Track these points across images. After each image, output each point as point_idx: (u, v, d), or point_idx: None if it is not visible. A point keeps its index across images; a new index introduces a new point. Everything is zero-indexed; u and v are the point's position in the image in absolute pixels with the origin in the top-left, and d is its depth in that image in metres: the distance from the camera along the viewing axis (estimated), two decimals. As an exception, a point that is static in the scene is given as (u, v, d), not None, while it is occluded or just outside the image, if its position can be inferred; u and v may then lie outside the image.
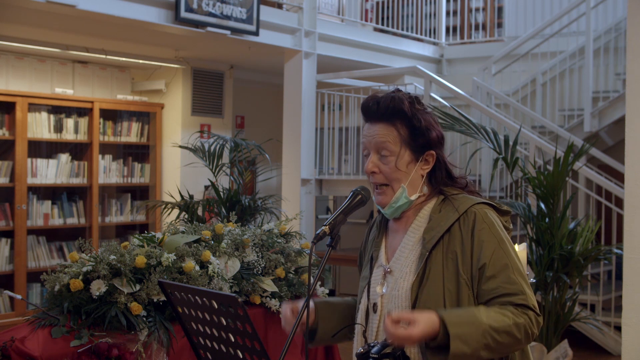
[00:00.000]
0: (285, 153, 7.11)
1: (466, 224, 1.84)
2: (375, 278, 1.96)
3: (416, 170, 1.90)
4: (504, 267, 1.79)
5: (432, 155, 1.91)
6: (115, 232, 7.47)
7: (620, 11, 7.50)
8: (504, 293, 1.78)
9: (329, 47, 7.28)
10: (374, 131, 1.90)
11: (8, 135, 6.33)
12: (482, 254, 1.80)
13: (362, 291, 1.99)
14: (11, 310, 6.30)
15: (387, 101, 1.89)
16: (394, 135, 1.88)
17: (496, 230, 1.84)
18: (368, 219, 9.81)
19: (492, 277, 1.79)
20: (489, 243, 1.81)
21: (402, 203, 1.91)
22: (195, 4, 5.88)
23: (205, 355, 1.82)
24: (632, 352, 3.65)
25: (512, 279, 1.79)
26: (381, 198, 1.92)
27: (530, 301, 1.79)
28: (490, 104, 7.51)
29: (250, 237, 3.51)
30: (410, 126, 1.89)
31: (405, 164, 1.89)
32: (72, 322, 2.84)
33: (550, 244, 4.99)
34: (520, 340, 1.76)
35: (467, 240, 1.83)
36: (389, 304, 1.89)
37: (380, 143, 1.89)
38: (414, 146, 1.89)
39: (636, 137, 3.66)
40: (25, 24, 6.00)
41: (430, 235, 1.86)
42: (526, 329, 1.75)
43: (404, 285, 1.86)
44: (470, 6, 9.27)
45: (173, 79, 7.57)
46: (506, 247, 1.83)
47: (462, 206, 1.87)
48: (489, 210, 1.88)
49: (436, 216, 1.89)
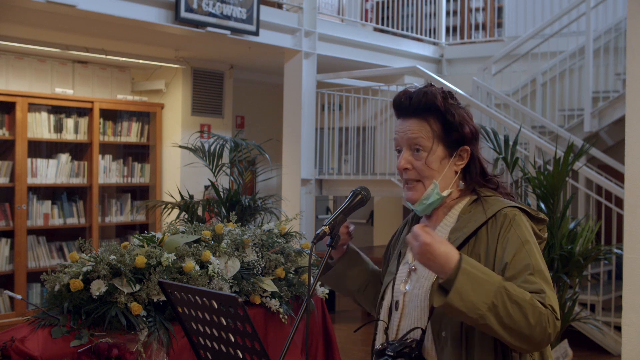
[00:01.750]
0: (285, 153, 7.12)
1: (494, 227, 1.78)
2: (400, 275, 1.92)
3: (450, 166, 1.86)
4: (525, 268, 1.71)
5: (466, 151, 1.87)
6: (115, 232, 7.47)
7: (620, 11, 7.50)
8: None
9: (329, 47, 7.28)
10: (406, 127, 1.86)
11: (8, 135, 6.33)
12: (505, 253, 1.74)
13: (387, 287, 1.95)
14: (11, 310, 6.30)
15: (420, 96, 1.84)
16: (426, 130, 1.84)
17: (522, 231, 1.76)
18: (368, 219, 9.83)
19: (512, 277, 1.70)
20: (513, 243, 1.74)
21: (434, 200, 1.86)
22: (195, 4, 5.88)
23: (205, 355, 1.82)
24: (632, 352, 3.65)
25: (532, 279, 1.69)
26: (411, 194, 1.87)
27: (549, 301, 1.66)
28: (490, 104, 7.51)
29: (250, 237, 3.51)
30: (443, 121, 1.84)
31: (438, 160, 1.84)
32: (72, 322, 2.84)
33: (550, 244, 4.99)
34: (531, 326, 1.61)
35: (492, 243, 1.77)
36: (410, 302, 1.85)
37: (413, 139, 1.84)
38: (448, 142, 1.85)
39: (636, 137, 3.67)
40: (25, 24, 6.00)
41: (456, 236, 1.81)
42: (542, 319, 1.62)
43: (425, 285, 1.82)
44: (470, 6, 9.27)
45: (173, 79, 7.57)
46: (531, 248, 1.74)
47: (492, 209, 1.81)
48: (519, 214, 1.81)
49: (465, 217, 1.84)
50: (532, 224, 1.83)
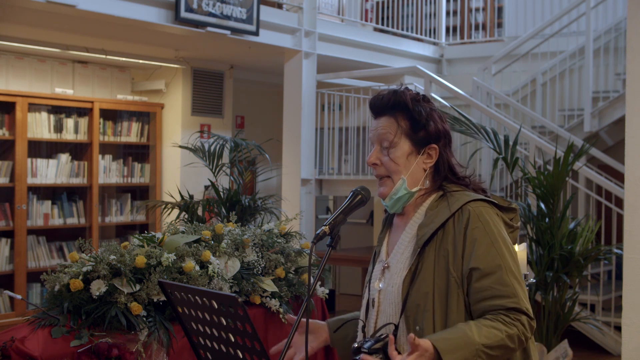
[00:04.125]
0: (285, 153, 7.11)
1: (460, 222, 1.82)
2: (375, 273, 1.96)
3: (417, 164, 1.90)
4: (496, 268, 1.76)
5: (434, 150, 1.91)
6: (115, 232, 7.47)
7: (620, 11, 7.49)
8: (495, 295, 1.75)
9: (329, 47, 7.28)
10: (377, 124, 1.94)
11: (8, 135, 6.33)
12: (473, 254, 1.78)
13: (365, 286, 2.00)
14: (11, 310, 6.30)
15: (390, 94, 1.92)
16: (394, 127, 1.90)
17: (490, 229, 1.81)
18: (368, 219, 9.82)
19: (483, 277, 1.76)
20: (481, 242, 1.78)
21: (402, 194, 1.91)
22: (195, 4, 5.88)
23: (205, 355, 1.82)
24: (632, 352, 3.66)
25: (505, 280, 1.76)
26: (382, 189, 1.93)
27: (522, 304, 1.75)
28: (490, 104, 7.50)
29: (250, 237, 3.51)
30: (410, 118, 1.90)
31: (405, 156, 1.89)
32: (72, 322, 2.84)
33: (550, 244, 4.99)
34: (514, 349, 1.77)
35: (459, 239, 1.81)
36: (384, 299, 1.89)
37: (382, 135, 1.91)
38: (415, 138, 1.90)
39: (636, 137, 3.67)
40: (25, 24, 6.00)
41: (423, 231, 1.85)
42: (519, 337, 1.75)
43: (397, 281, 1.86)
44: (470, 6, 9.27)
45: (173, 79, 7.57)
46: (500, 247, 1.79)
47: (457, 203, 1.85)
48: (485, 208, 1.84)
49: (431, 212, 1.88)
50: (502, 215, 1.89)
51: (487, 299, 1.76)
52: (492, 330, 1.72)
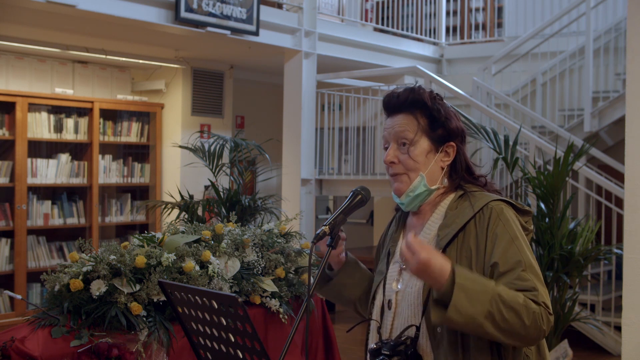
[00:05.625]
0: (285, 153, 7.11)
1: (482, 221, 1.80)
2: (391, 274, 1.93)
3: (436, 161, 1.88)
4: (516, 264, 1.73)
5: (452, 147, 1.89)
6: (115, 232, 7.47)
7: (620, 11, 7.50)
8: (515, 289, 1.71)
9: (329, 47, 7.28)
10: (393, 122, 1.90)
11: (8, 135, 6.33)
12: (495, 250, 1.76)
13: (377, 286, 1.96)
14: (11, 310, 6.30)
15: (407, 92, 1.90)
16: (413, 124, 1.87)
17: (511, 226, 1.79)
18: (368, 219, 9.82)
19: (504, 273, 1.73)
20: (502, 239, 1.76)
21: (421, 192, 1.87)
22: (195, 4, 5.88)
23: (205, 355, 1.82)
24: (632, 352, 3.65)
25: (524, 276, 1.72)
26: (397, 185, 1.89)
27: (541, 298, 1.70)
28: (490, 104, 7.51)
29: (250, 237, 3.51)
30: (429, 116, 1.88)
31: (424, 153, 1.87)
32: (72, 322, 2.84)
33: (550, 244, 4.99)
34: (526, 327, 1.66)
35: (482, 237, 1.79)
36: (402, 301, 1.86)
37: (400, 132, 1.88)
38: (434, 136, 1.88)
39: (636, 137, 3.67)
40: (25, 24, 6.00)
41: (445, 232, 1.82)
42: (535, 318, 1.66)
43: (417, 283, 1.83)
44: (470, 6, 9.27)
45: (173, 79, 7.58)
46: (520, 244, 1.77)
47: (479, 203, 1.82)
48: (506, 208, 1.83)
49: (452, 213, 1.85)
50: (518, 216, 1.86)
51: None
52: (513, 293, 1.68)
